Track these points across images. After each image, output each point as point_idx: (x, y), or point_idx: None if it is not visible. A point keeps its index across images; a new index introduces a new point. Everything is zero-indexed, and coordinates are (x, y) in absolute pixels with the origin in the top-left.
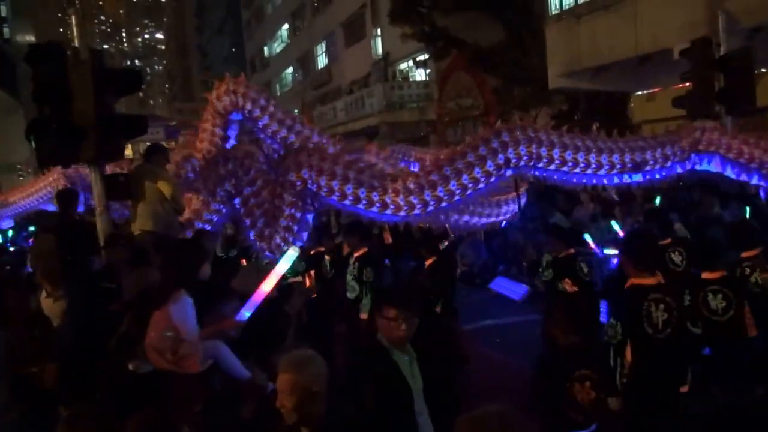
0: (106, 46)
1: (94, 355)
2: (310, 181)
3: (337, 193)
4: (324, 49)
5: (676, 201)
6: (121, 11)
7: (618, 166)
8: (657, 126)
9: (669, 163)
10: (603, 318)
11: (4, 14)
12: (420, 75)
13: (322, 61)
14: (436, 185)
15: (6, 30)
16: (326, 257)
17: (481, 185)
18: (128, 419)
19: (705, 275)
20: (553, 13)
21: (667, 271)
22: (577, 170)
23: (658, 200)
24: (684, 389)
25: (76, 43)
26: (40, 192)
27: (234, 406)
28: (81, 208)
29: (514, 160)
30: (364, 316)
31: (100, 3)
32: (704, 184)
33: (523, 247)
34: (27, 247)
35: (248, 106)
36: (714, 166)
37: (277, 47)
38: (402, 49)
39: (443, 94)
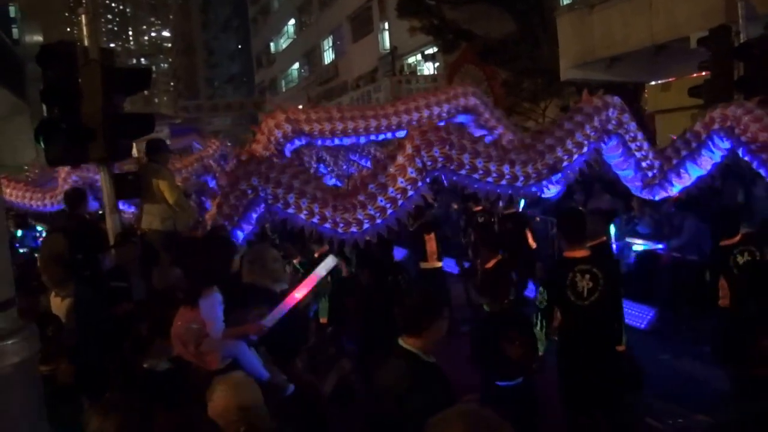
0: (112, 45)
1: (103, 353)
2: (260, 188)
3: (281, 202)
4: (330, 44)
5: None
6: (127, 9)
7: (534, 176)
8: (671, 116)
9: (586, 149)
10: None
11: (12, 15)
12: (428, 69)
13: (328, 56)
14: (366, 205)
15: (15, 31)
16: (294, 261)
17: (411, 193)
18: (159, 414)
19: None
20: (565, 3)
21: None
22: (490, 179)
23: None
24: (620, 348)
25: (86, 43)
26: None
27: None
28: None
29: (429, 164)
30: (323, 320)
31: (106, 1)
32: (727, 172)
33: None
34: (36, 247)
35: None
36: (610, 146)
37: (284, 43)
38: (410, 42)
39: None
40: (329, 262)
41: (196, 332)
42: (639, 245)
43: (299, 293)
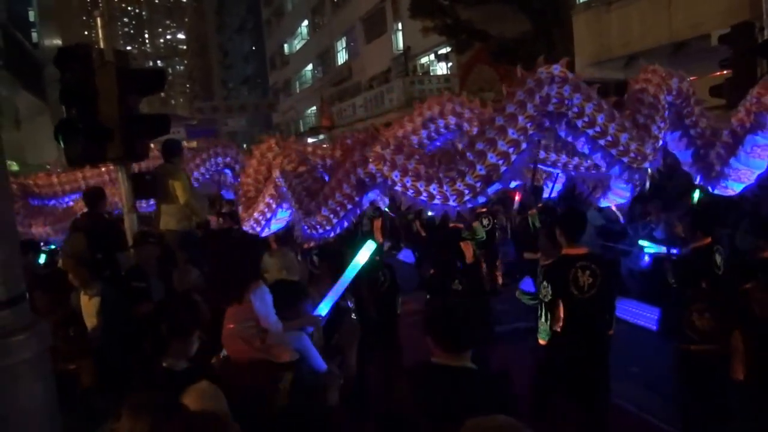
0: (129, 48)
1: (126, 352)
2: (283, 181)
3: (287, 196)
4: (344, 45)
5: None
6: (143, 12)
7: (467, 192)
8: None
9: (525, 145)
10: None
11: (32, 19)
12: (441, 69)
13: (341, 57)
14: (316, 213)
15: (34, 34)
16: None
17: (349, 206)
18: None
19: None
20: (582, 1)
21: None
22: (422, 198)
23: (696, 195)
24: (610, 332)
25: (101, 45)
26: None
27: (320, 395)
28: None
29: (367, 180)
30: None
31: (123, 5)
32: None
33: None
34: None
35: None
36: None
37: (297, 44)
38: (423, 42)
39: (464, 87)
40: (369, 246)
41: (255, 329)
42: (651, 248)
43: (344, 281)
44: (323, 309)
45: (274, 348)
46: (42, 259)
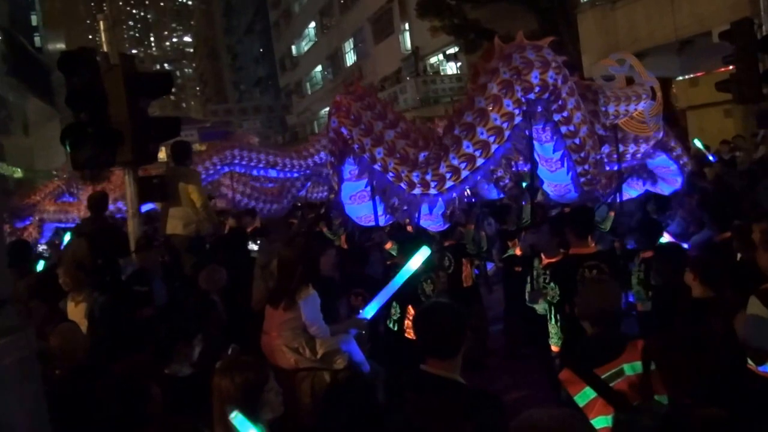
0: (135, 51)
1: (113, 360)
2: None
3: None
4: (352, 46)
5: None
6: (149, 16)
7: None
8: (702, 111)
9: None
10: None
11: (34, 23)
12: (451, 69)
13: (350, 58)
14: None
15: (37, 39)
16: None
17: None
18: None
19: None
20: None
21: None
22: None
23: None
24: None
25: (105, 49)
26: None
27: (371, 393)
28: None
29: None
30: None
31: (128, 8)
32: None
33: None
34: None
35: None
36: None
37: (305, 46)
38: (431, 43)
39: None
40: (423, 252)
41: (303, 338)
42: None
43: (395, 284)
44: (369, 312)
45: (328, 357)
46: (40, 265)
